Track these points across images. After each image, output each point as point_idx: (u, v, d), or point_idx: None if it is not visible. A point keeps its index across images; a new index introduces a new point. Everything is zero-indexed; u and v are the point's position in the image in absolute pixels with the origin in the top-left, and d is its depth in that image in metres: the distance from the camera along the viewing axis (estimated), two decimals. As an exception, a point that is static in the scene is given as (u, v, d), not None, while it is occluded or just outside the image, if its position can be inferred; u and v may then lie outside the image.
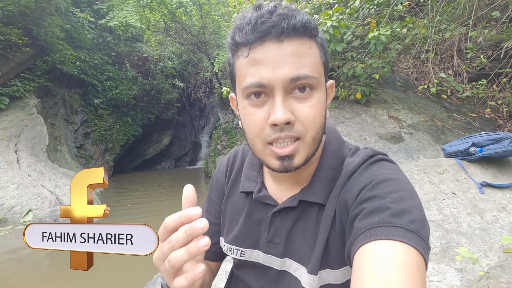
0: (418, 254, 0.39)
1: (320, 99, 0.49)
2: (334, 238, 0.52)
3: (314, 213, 0.55)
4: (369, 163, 0.53)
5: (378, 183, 0.47)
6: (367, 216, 0.44)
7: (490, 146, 2.46)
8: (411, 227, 0.41)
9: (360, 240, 0.42)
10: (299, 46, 0.46)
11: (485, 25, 4.86)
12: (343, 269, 0.52)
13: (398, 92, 5.48)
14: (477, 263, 1.66)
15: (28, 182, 5.09)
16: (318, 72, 0.49)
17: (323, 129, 0.51)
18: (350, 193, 0.50)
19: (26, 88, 7.50)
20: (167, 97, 12.64)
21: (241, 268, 0.65)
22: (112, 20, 8.54)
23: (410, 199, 0.44)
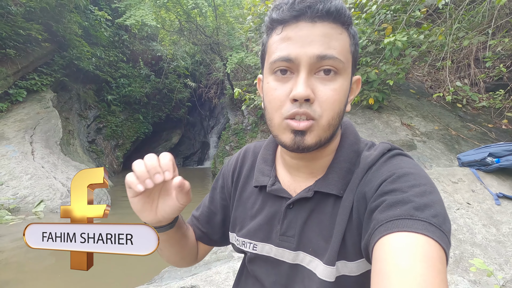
0: (440, 248, 0.39)
1: (343, 85, 0.50)
2: (350, 230, 0.52)
3: (330, 205, 0.55)
4: (388, 156, 0.53)
5: (400, 176, 0.47)
6: (389, 208, 0.44)
7: (508, 157, 2.39)
8: (434, 221, 0.40)
9: (380, 231, 0.42)
10: (330, 29, 0.48)
11: (504, 35, 4.76)
12: (358, 261, 0.52)
13: (412, 100, 5.40)
14: (492, 276, 1.61)
15: (41, 173, 5.21)
16: (345, 58, 0.50)
17: (340, 116, 0.52)
18: (369, 185, 0.50)
19: (43, 82, 7.71)
20: (179, 96, 12.78)
21: (253, 262, 0.64)
22: (129, 19, 8.71)
23: (432, 194, 0.44)
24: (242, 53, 8.54)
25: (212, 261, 2.23)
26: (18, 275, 2.94)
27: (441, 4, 3.50)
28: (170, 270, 2.19)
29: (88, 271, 1.76)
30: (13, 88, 7.04)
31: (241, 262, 0.73)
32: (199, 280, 1.84)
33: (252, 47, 8.11)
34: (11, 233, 3.82)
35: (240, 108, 10.27)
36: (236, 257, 2.22)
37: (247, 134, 9.95)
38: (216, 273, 1.87)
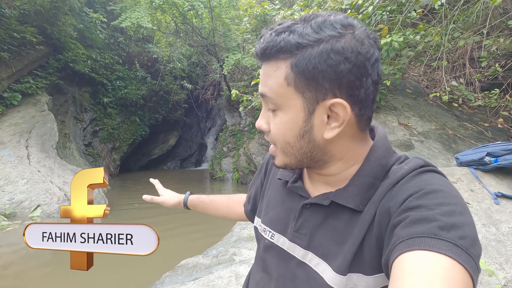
0: (465, 273, 0.36)
1: (283, 119, 0.51)
2: (369, 244, 0.50)
3: (346, 216, 0.54)
4: (419, 171, 0.50)
5: (428, 193, 0.45)
6: (411, 224, 0.42)
7: (506, 156, 2.41)
8: (460, 243, 0.38)
9: (400, 247, 0.40)
10: (267, 68, 0.50)
11: (499, 34, 4.81)
12: (376, 276, 0.50)
13: (409, 99, 5.43)
14: (493, 276, 1.62)
15: (38, 178, 5.15)
16: (277, 94, 0.50)
17: (294, 146, 0.52)
18: (394, 200, 0.48)
19: (38, 85, 7.64)
20: (175, 98, 12.75)
21: (268, 251, 0.66)
22: (125, 21, 8.67)
23: (462, 215, 0.41)
24: (238, 54, 8.54)
25: (213, 265, 2.22)
26: (16, 282, 2.90)
27: (437, 4, 3.53)
28: (171, 275, 2.18)
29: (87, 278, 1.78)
30: (7, 92, 6.96)
31: (256, 254, 0.75)
32: (201, 285, 1.82)
33: (249, 49, 8.11)
34: (8, 239, 3.78)
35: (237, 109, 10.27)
36: (238, 261, 2.21)
37: (244, 135, 9.95)
38: (218, 277, 1.85)
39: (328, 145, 0.52)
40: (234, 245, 2.62)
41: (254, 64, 7.88)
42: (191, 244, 3.64)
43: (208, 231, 4.26)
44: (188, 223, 4.67)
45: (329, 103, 0.48)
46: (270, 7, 6.83)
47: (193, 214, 4.99)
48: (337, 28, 0.46)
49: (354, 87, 0.47)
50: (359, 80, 0.46)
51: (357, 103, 0.48)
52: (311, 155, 0.54)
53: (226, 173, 9.74)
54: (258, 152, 8.66)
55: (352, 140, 0.53)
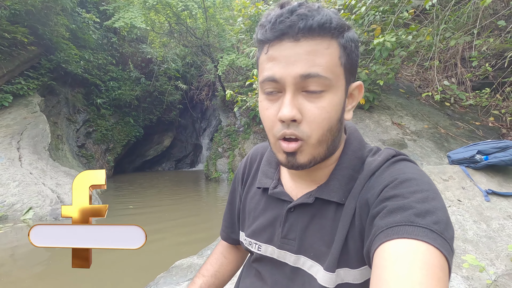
0: (441, 256, 0.38)
1: (333, 101, 0.48)
2: (353, 237, 0.51)
3: (331, 211, 0.55)
4: (392, 162, 0.52)
5: (402, 182, 0.46)
6: (389, 214, 0.43)
7: (496, 154, 2.45)
8: (435, 228, 0.40)
9: (380, 237, 0.42)
10: (315, 45, 0.46)
11: (489, 34, 4.89)
12: (361, 269, 0.51)
13: (401, 99, 5.49)
14: (484, 271, 1.65)
15: (30, 180, 5.08)
16: (333, 73, 0.48)
17: (332, 132, 0.51)
18: (372, 191, 0.49)
19: (30, 86, 7.54)
20: (170, 98, 12.69)
21: (259, 262, 0.66)
22: (118, 21, 8.61)
23: (435, 200, 0.43)
24: (233, 54, 8.53)
25: (208, 265, 2.22)
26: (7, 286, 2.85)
27: (428, 5, 3.57)
28: (165, 276, 2.16)
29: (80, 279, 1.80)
30: (-2, 93, 6.86)
31: (246, 260, 0.75)
32: (196, 285, 1.81)
33: (243, 49, 8.11)
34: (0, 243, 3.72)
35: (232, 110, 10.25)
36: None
37: (239, 136, 9.94)
38: (213, 277, 1.85)
39: (342, 129, 0.55)
40: (229, 245, 2.61)
41: (249, 64, 7.88)
42: (186, 244, 3.63)
43: (202, 232, 4.24)
44: (182, 224, 4.65)
45: (355, 85, 0.54)
46: (264, 7, 6.84)
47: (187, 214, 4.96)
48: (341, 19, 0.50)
49: (356, 71, 0.53)
50: (357, 65, 0.53)
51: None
52: (335, 140, 0.53)
53: (221, 174, 9.72)
54: (253, 152, 8.66)
55: (343, 125, 0.57)
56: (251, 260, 0.69)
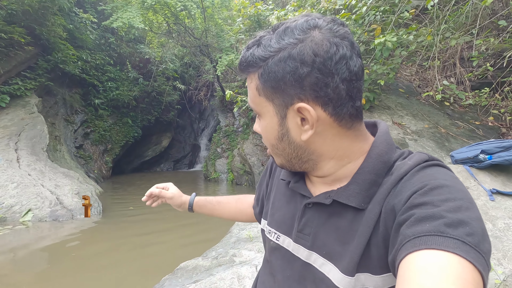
0: (475, 271, 0.35)
1: (263, 124, 0.56)
2: (376, 243, 0.49)
3: (349, 214, 0.53)
4: (422, 166, 0.50)
5: (433, 188, 0.44)
6: (417, 223, 0.41)
7: (499, 154, 2.46)
8: (468, 240, 0.37)
9: (407, 247, 0.39)
10: (247, 81, 0.55)
11: (488, 34, 4.92)
12: (384, 276, 0.49)
13: (402, 99, 5.51)
14: (492, 271, 1.65)
15: (28, 181, 5.03)
16: (254, 103, 0.55)
17: (279, 148, 0.56)
18: (399, 197, 0.47)
19: (27, 87, 7.46)
20: (168, 99, 12.63)
21: (273, 253, 0.66)
22: (116, 21, 8.56)
23: (469, 210, 0.40)
24: (232, 55, 8.51)
25: (214, 267, 2.20)
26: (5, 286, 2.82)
27: (430, 5, 3.58)
28: (171, 278, 2.14)
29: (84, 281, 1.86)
30: (-5, 94, 6.79)
31: (264, 256, 0.75)
32: (203, 287, 1.80)
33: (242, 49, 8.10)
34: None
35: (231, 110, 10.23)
36: (238, 262, 2.19)
37: (238, 136, 9.92)
38: (220, 279, 1.83)
39: (311, 145, 0.54)
40: (234, 246, 2.60)
41: (248, 64, 7.87)
42: (190, 246, 3.60)
43: (206, 233, 4.22)
44: (185, 226, 4.63)
45: (295, 107, 0.50)
46: (263, 7, 6.84)
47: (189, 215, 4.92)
48: (295, 34, 0.48)
49: (318, 89, 0.47)
50: (321, 81, 0.47)
51: (327, 103, 0.48)
52: (296, 155, 0.56)
53: (220, 174, 9.70)
54: (253, 152, 8.65)
55: (339, 139, 0.53)
56: (267, 251, 0.70)
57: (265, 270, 0.71)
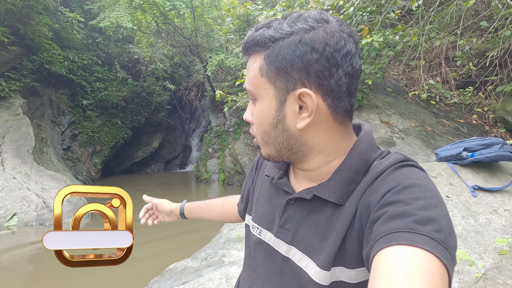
0: (441, 265, 0.37)
1: (259, 109, 0.55)
2: (351, 238, 0.51)
3: (328, 210, 0.55)
4: (397, 166, 0.52)
5: (405, 187, 0.46)
6: (389, 220, 0.43)
7: (481, 151, 2.53)
8: (436, 236, 0.39)
9: (379, 243, 0.41)
10: (249, 62, 0.55)
11: (471, 35, 5.05)
12: (357, 270, 0.51)
13: (389, 98, 5.60)
14: (473, 265, 1.70)
15: (13, 185, 4.91)
16: (253, 85, 0.54)
17: (271, 135, 0.56)
18: (374, 195, 0.49)
19: (12, 87, 7.28)
20: (158, 99, 12.51)
21: (256, 248, 0.67)
22: (103, 21, 8.42)
23: (438, 208, 0.43)
24: (222, 54, 8.49)
25: (203, 268, 2.19)
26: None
27: (414, 6, 3.65)
28: (159, 280, 2.13)
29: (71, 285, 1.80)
30: (-23, 95, 6.60)
31: (245, 252, 0.78)
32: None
33: (232, 49, 8.08)
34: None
35: (222, 110, 10.20)
36: (227, 263, 2.19)
37: (230, 136, 9.90)
38: (208, 280, 1.83)
39: (304, 136, 0.54)
40: (223, 247, 2.60)
41: (238, 64, 7.86)
42: (179, 247, 3.59)
43: (196, 234, 4.20)
44: (175, 227, 4.60)
45: (297, 93, 0.50)
46: (253, 7, 6.84)
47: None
48: (309, 21, 0.49)
49: (322, 77, 0.48)
50: (327, 70, 0.48)
51: (328, 94, 0.50)
52: (287, 144, 0.56)
53: (212, 175, 9.67)
54: (244, 152, 8.65)
55: (330, 133, 0.54)
56: (251, 246, 0.71)
57: (246, 266, 0.73)
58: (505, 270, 1.66)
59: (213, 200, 0.98)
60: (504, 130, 4.39)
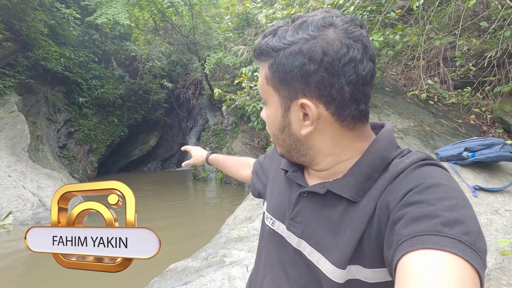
0: (472, 270, 0.35)
1: (268, 113, 0.58)
2: (369, 238, 0.49)
3: (342, 206, 0.54)
4: (419, 165, 0.50)
5: (428, 187, 0.44)
6: (413, 222, 0.41)
7: (482, 151, 2.54)
8: (464, 238, 0.37)
9: (404, 247, 0.39)
10: (259, 67, 0.56)
11: (470, 35, 5.07)
12: (375, 270, 0.50)
13: (388, 98, 5.61)
14: (476, 265, 1.70)
15: (8, 183, 4.84)
16: (262, 90, 0.57)
17: (279, 138, 0.58)
18: (394, 194, 0.47)
19: (6, 84, 7.17)
20: (155, 97, 12.43)
21: (270, 238, 0.68)
22: (100, 17, 8.32)
23: (464, 208, 0.41)
24: (220, 53, 8.45)
25: (204, 268, 2.17)
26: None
27: (415, 6, 3.65)
28: (160, 280, 2.11)
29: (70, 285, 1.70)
30: (-29, 92, 6.49)
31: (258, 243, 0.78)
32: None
33: (231, 47, 8.04)
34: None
35: (219, 109, 10.15)
36: (228, 263, 2.17)
37: (227, 135, 9.87)
38: (211, 280, 1.81)
39: (310, 141, 0.55)
40: (224, 247, 2.58)
41: (236, 62, 7.83)
42: (179, 247, 3.56)
43: (195, 234, 4.18)
44: (173, 227, 4.57)
45: (299, 102, 0.51)
46: (251, 5, 6.80)
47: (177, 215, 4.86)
48: (309, 30, 0.48)
49: (322, 87, 0.48)
50: (327, 80, 0.47)
51: (330, 103, 0.49)
52: (295, 147, 0.58)
53: (209, 173, 9.64)
54: (242, 151, 8.63)
55: (339, 138, 0.53)
56: (265, 236, 0.72)
57: (260, 256, 0.74)
58: (508, 270, 1.66)
59: (229, 158, 1.12)
60: (501, 130, 4.42)
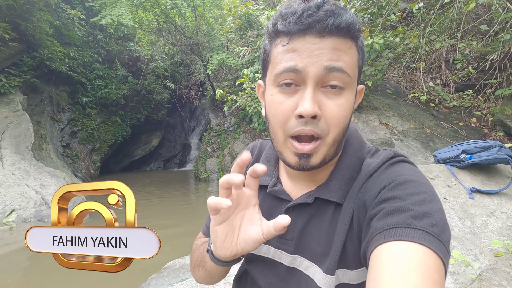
0: (437, 258, 0.38)
1: (349, 100, 0.49)
2: (351, 239, 0.51)
3: (330, 212, 0.54)
4: (390, 163, 0.52)
5: (399, 184, 0.47)
6: (386, 216, 0.43)
7: (479, 154, 2.55)
8: (432, 230, 0.40)
9: (377, 239, 0.42)
10: (339, 44, 0.47)
11: (471, 38, 5.07)
12: (359, 270, 0.52)
13: (389, 100, 5.61)
14: (469, 266, 1.71)
15: (12, 181, 4.91)
16: (352, 72, 0.49)
17: (345, 131, 0.51)
18: (369, 193, 0.49)
19: (12, 83, 7.28)
20: (158, 97, 12.50)
21: (251, 262, 0.64)
22: (105, 18, 8.42)
23: (432, 202, 0.44)
24: (222, 54, 8.50)
25: (201, 266, 2.20)
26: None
27: (415, 8, 3.66)
28: (157, 277, 2.14)
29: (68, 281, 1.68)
30: (-23, 91, 6.60)
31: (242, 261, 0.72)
32: (189, 286, 1.81)
33: (233, 48, 8.09)
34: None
35: (222, 109, 10.20)
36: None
37: (229, 136, 9.91)
38: (206, 277, 1.84)
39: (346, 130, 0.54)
40: (221, 245, 2.61)
41: (239, 64, 7.87)
42: (177, 245, 3.59)
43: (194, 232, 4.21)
44: (173, 225, 4.61)
45: (359, 88, 0.55)
46: (254, 7, 6.85)
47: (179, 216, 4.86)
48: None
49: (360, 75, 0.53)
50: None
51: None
52: (344, 139, 0.54)
53: (211, 174, 9.67)
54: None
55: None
56: (244, 261, 0.67)
57: (246, 276, 0.68)
58: (501, 271, 1.68)
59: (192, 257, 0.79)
60: (502, 133, 4.41)
